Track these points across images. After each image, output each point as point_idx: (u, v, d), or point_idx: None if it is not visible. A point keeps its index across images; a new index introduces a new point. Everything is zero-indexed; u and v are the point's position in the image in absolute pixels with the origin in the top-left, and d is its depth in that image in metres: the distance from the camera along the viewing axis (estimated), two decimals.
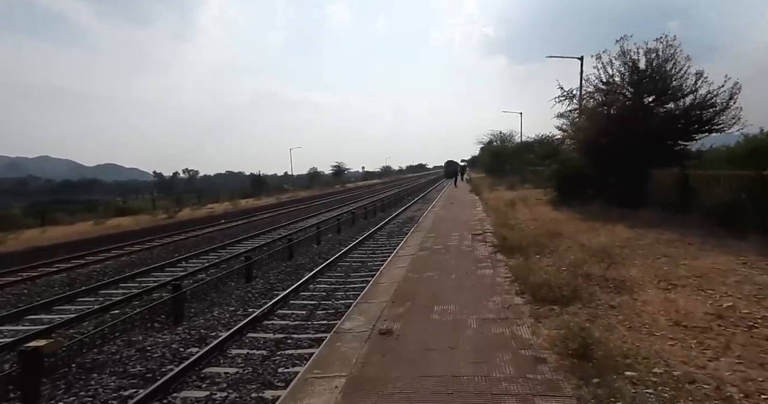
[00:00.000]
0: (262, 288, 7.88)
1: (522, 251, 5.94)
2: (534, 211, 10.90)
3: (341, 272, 8.92)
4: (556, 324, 3.29)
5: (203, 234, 15.57)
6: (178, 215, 20.49)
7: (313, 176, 53.60)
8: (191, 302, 7.31)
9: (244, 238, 14.00)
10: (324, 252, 11.20)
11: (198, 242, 13.87)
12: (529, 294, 4.07)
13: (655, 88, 10.15)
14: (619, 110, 10.54)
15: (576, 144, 12.01)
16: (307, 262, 10.10)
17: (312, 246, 12.38)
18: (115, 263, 10.98)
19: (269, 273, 9.13)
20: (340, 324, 3.85)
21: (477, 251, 6.61)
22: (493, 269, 5.33)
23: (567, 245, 6.29)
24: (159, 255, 11.85)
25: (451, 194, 24.35)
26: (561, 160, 12.62)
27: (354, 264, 9.60)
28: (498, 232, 7.85)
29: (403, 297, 4.43)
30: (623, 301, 3.67)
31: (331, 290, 7.58)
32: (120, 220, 18.11)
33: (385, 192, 36.68)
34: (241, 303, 7.04)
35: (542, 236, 6.94)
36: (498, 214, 10.76)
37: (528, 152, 31.39)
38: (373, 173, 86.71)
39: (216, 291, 7.98)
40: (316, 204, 27.86)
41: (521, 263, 5.28)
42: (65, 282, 8.99)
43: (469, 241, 7.52)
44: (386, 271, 5.81)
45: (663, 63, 9.92)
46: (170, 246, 13.24)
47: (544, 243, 6.38)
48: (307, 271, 9.17)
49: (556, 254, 5.67)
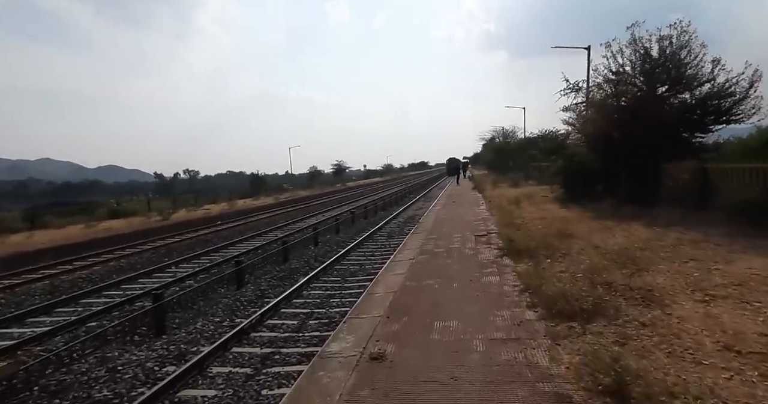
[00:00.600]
0: (253, 295, 7.39)
1: (531, 255, 5.40)
2: (541, 209, 10.34)
3: (337, 277, 8.43)
4: (578, 347, 2.75)
5: (197, 237, 15.11)
6: (173, 217, 20.06)
7: (313, 176, 53.12)
8: (176, 311, 6.84)
9: (238, 240, 13.53)
10: (320, 255, 10.71)
11: (191, 245, 13.40)
12: (543, 307, 3.54)
13: (668, 78, 9.55)
14: (630, 100, 9.95)
15: (584, 138, 11.43)
16: (302, 266, 9.62)
17: (309, 248, 11.90)
18: (103, 268, 10.52)
19: (262, 279, 8.64)
20: (326, 346, 3.33)
21: (481, 254, 6.07)
22: (499, 277, 4.79)
23: (580, 247, 5.75)
24: (149, 260, 11.39)
25: (453, 191, 23.79)
26: (568, 155, 12.04)
27: (351, 268, 9.11)
28: (503, 233, 7.31)
29: (399, 311, 3.91)
30: (656, 317, 3.12)
31: (326, 297, 7.09)
32: (113, 223, 17.68)
33: (386, 191, 36.15)
34: (228, 313, 6.55)
35: (552, 237, 6.39)
36: (502, 213, 10.21)
37: (531, 147, 30.78)
38: (374, 172, 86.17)
39: (204, 299, 7.50)
40: (315, 204, 27.37)
41: (531, 269, 4.75)
42: (47, 290, 8.53)
43: (473, 243, 6.98)
44: (382, 279, 5.29)
45: (677, 50, 9.31)
46: (162, 250, 12.78)
47: (555, 245, 5.83)
48: (301, 276, 8.68)
49: (569, 258, 5.13)
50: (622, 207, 8.67)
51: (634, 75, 10.02)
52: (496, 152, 40.98)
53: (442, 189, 30.96)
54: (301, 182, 51.07)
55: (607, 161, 10.59)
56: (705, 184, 7.89)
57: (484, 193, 18.77)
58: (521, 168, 29.64)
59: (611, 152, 10.26)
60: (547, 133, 33.12)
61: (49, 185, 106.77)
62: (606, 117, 10.10)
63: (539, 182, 22.59)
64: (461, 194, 20.41)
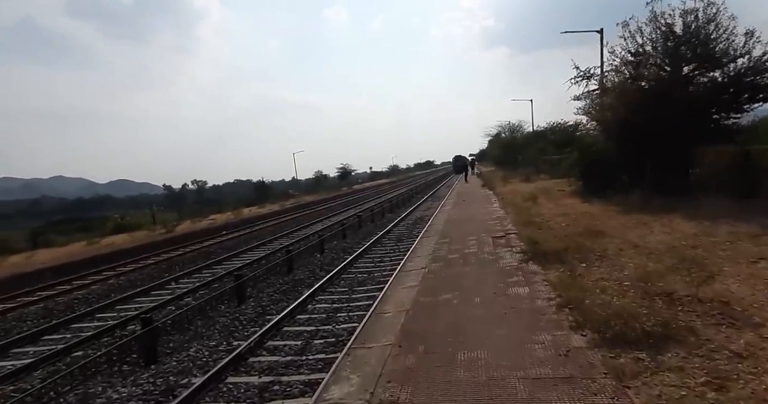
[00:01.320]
0: (253, 313, 6.80)
1: (560, 259, 4.70)
2: (560, 204, 9.57)
3: (344, 288, 7.81)
4: (657, 391, 2.04)
5: (200, 249, 14.65)
6: (178, 229, 19.71)
7: (318, 180, 52.72)
8: (171, 333, 6.28)
9: (242, 251, 13.03)
10: (327, 263, 10.11)
11: (193, 258, 12.93)
12: (592, 330, 2.84)
13: (695, 55, 8.73)
14: (652, 83, 9.14)
15: (601, 127, 10.63)
16: (307, 276, 9.02)
17: (314, 256, 11.32)
18: (101, 287, 10.07)
19: (264, 292, 8.06)
20: (324, 391, 2.69)
21: (502, 259, 5.37)
22: (528, 287, 4.09)
23: (617, 246, 5.02)
24: (150, 275, 10.92)
25: (462, 190, 23.02)
26: (584, 145, 11.24)
27: (359, 276, 8.48)
28: (524, 233, 6.61)
29: (413, 337, 3.26)
30: (751, 344, 2.38)
31: (332, 312, 6.47)
32: (117, 238, 17.37)
33: (393, 192, 35.48)
34: (226, 334, 5.95)
35: (580, 237, 5.67)
36: (518, 210, 9.48)
37: (541, 141, 29.84)
38: (380, 173, 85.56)
39: (203, 318, 6.95)
40: (320, 209, 26.85)
41: (565, 276, 4.05)
42: (40, 314, 8.07)
43: (491, 246, 6.29)
44: (392, 293, 4.62)
45: (704, 25, 8.49)
46: (163, 264, 12.32)
47: (587, 246, 5.12)
48: (306, 288, 8.08)
49: (608, 262, 4.41)
50: (652, 199, 7.87)
51: (656, 55, 9.21)
52: (504, 147, 40.04)
53: (450, 188, 30.17)
54: (307, 187, 50.71)
55: (630, 150, 9.78)
56: (748, 169, 7.07)
57: (494, 190, 17.98)
58: (531, 162, 28.72)
59: (634, 140, 9.46)
60: (556, 125, 32.20)
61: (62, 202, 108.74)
62: (627, 102, 9.31)
63: (552, 175, 21.71)
64: (471, 192, 19.65)
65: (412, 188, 35.16)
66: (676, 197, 7.97)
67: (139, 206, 55.05)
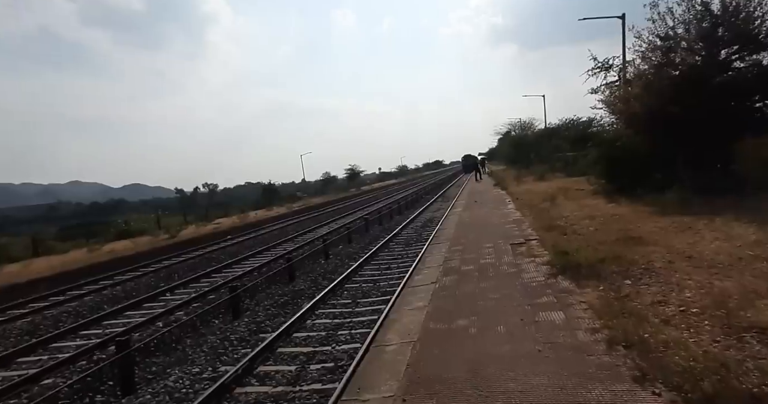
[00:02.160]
0: (246, 330, 6.15)
1: (597, 273, 3.92)
2: (583, 205, 8.69)
3: (348, 299, 7.14)
4: None
5: (203, 255, 14.15)
6: (182, 234, 19.33)
7: (326, 182, 52.24)
8: (156, 355, 5.69)
9: (245, 257, 12.48)
10: (330, 271, 9.46)
11: (194, 265, 12.42)
12: (667, 385, 2.03)
13: (735, 37, 7.81)
14: (684, 69, 8.24)
15: (626, 119, 9.71)
16: (308, 286, 8.38)
17: (318, 263, 10.70)
18: (94, 298, 9.57)
19: (261, 305, 7.44)
20: None
21: (526, 273, 4.59)
22: (563, 312, 3.30)
23: (664, 257, 4.21)
24: (146, 285, 10.42)
25: (473, 189, 22.14)
26: (607, 141, 10.33)
27: (364, 286, 7.81)
28: (547, 240, 5.82)
29: (421, 386, 2.50)
30: None
31: (333, 328, 5.80)
32: (119, 244, 17.03)
33: (402, 193, 34.74)
34: (212, 358, 5.32)
35: (616, 244, 4.86)
36: (537, 213, 8.65)
37: (554, 138, 28.73)
38: (389, 174, 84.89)
39: (193, 335, 6.35)
40: (328, 211, 26.29)
41: (608, 298, 3.28)
42: (25, 330, 7.57)
43: (510, 255, 5.51)
44: (396, 316, 3.87)
45: (745, 2, 7.57)
46: (162, 272, 11.82)
47: (626, 256, 4.32)
48: (306, 299, 7.43)
49: (659, 278, 3.61)
50: (691, 198, 6.97)
51: (690, 38, 8.30)
52: (515, 146, 38.91)
53: (460, 187, 29.31)
54: (317, 189, 50.28)
55: (659, 144, 8.87)
56: None
57: (507, 189, 17.08)
58: (545, 160, 27.65)
59: (664, 133, 8.55)
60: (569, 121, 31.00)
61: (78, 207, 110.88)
62: (656, 91, 8.41)
63: (567, 174, 20.70)
64: (482, 192, 18.77)
65: (421, 189, 34.39)
66: (715, 195, 7.06)
67: (152, 210, 55.36)
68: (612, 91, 11.22)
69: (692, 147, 8.16)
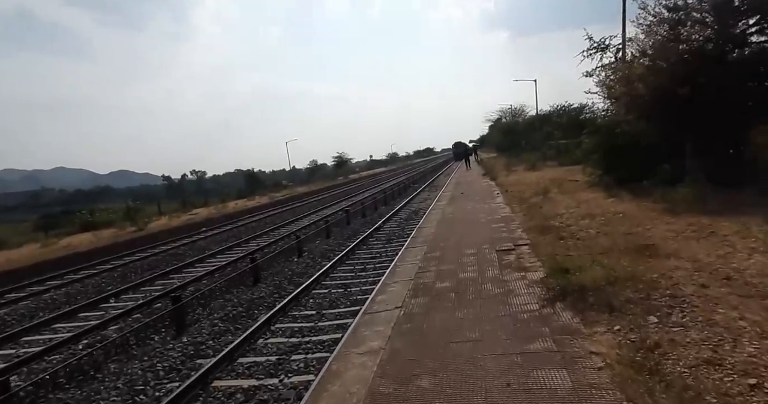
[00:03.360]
0: (182, 354, 5.16)
1: (608, 301, 2.99)
2: (579, 200, 7.78)
3: (312, 311, 6.21)
4: None
5: (167, 251, 13.03)
6: (152, 226, 18.08)
7: (313, 170, 50.79)
8: (66, 388, 4.67)
9: (212, 253, 11.46)
10: (300, 272, 8.51)
11: (154, 263, 11.33)
12: None
13: (754, 7, 6.82)
14: (694, 44, 7.25)
15: (628, 104, 8.73)
16: (271, 291, 7.41)
17: (290, 261, 9.74)
18: (29, 305, 8.44)
19: (212, 316, 6.45)
20: None
21: (515, 296, 3.61)
22: (569, 375, 2.17)
23: (691, 276, 3.29)
24: (95, 287, 9.34)
25: (461, 179, 21.21)
26: (607, 127, 9.37)
27: (334, 292, 6.88)
28: (540, 246, 4.90)
29: None
30: None
31: (287, 352, 4.87)
32: (79, 238, 15.75)
33: (390, 181, 33.71)
34: (124, 400, 4.29)
35: (625, 255, 3.94)
36: (528, 208, 7.73)
37: (546, 125, 27.80)
38: (379, 162, 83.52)
39: (122, 356, 5.35)
40: (312, 201, 25.19)
41: (631, 349, 2.31)
42: None
43: (496, 267, 4.55)
44: (339, 366, 2.78)
45: None
46: (117, 271, 10.72)
47: (642, 274, 3.38)
48: (264, 309, 6.47)
49: (694, 313, 2.65)
50: (707, 193, 6.06)
51: (701, 8, 7.29)
52: (506, 133, 37.92)
53: (449, 176, 28.36)
54: (302, 177, 48.85)
55: (665, 131, 7.94)
56: None
57: (497, 180, 16.14)
58: (536, 148, 26.78)
59: (672, 118, 7.61)
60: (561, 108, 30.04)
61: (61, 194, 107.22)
62: (664, 71, 7.42)
63: (560, 162, 19.86)
64: (470, 182, 17.83)
65: (409, 178, 33.42)
66: (731, 189, 6.20)
67: (139, 198, 53.71)
68: (612, 71, 10.19)
69: (702, 134, 7.24)
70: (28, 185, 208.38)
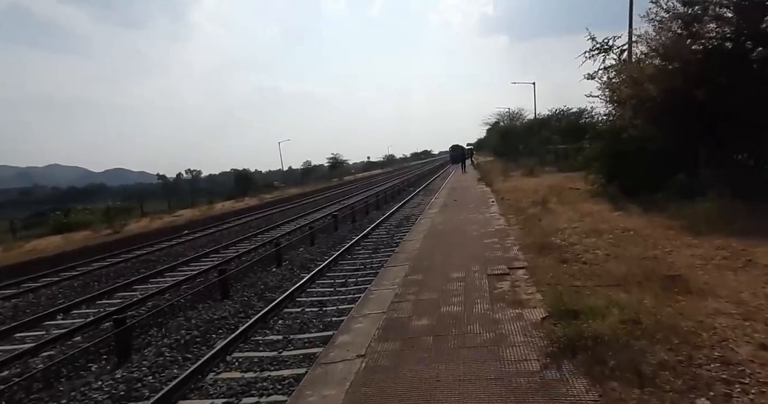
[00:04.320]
0: (109, 396, 4.31)
1: (634, 366, 2.19)
2: (582, 212, 7.01)
3: (278, 335, 5.43)
4: None
5: (139, 256, 12.16)
6: (130, 229, 17.19)
7: (307, 171, 49.86)
8: None
9: (186, 261, 10.68)
10: (273, 286, 7.72)
11: (122, 271, 10.48)
12: None
13: None
14: (714, 41, 6.55)
15: (636, 107, 8.02)
16: (239, 308, 6.62)
17: (267, 271, 8.97)
18: None
19: (164, 341, 5.63)
20: None
21: (508, 345, 2.70)
22: None
23: (744, 331, 2.48)
24: (49, 298, 8.49)
25: (456, 184, 20.46)
26: (612, 131, 8.64)
27: (308, 312, 6.12)
28: (539, 269, 4.13)
29: None
30: None
31: (236, 394, 4.07)
32: (48, 240, 14.84)
33: (384, 184, 32.95)
34: None
35: (646, 291, 3.17)
36: (525, 221, 6.96)
37: (545, 129, 27.14)
38: (375, 163, 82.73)
39: (44, 394, 4.52)
40: (302, 204, 24.36)
41: None
42: None
43: (486, 299, 3.67)
44: None
45: None
46: (79, 280, 9.86)
47: (673, 323, 2.59)
48: (224, 334, 5.66)
49: (759, 388, 1.90)
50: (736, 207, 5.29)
51: (720, 2, 6.60)
52: (503, 136, 37.24)
53: (445, 180, 27.62)
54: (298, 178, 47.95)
55: (679, 136, 7.21)
56: None
57: (493, 185, 15.38)
58: (534, 153, 26.10)
59: (686, 123, 6.89)
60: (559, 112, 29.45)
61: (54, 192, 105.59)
62: (678, 71, 6.71)
63: (559, 168, 19.17)
64: (465, 188, 17.07)
65: (404, 181, 32.68)
66: (756, 204, 5.47)
67: (132, 197, 52.66)
68: (617, 71, 9.49)
69: (720, 140, 6.52)
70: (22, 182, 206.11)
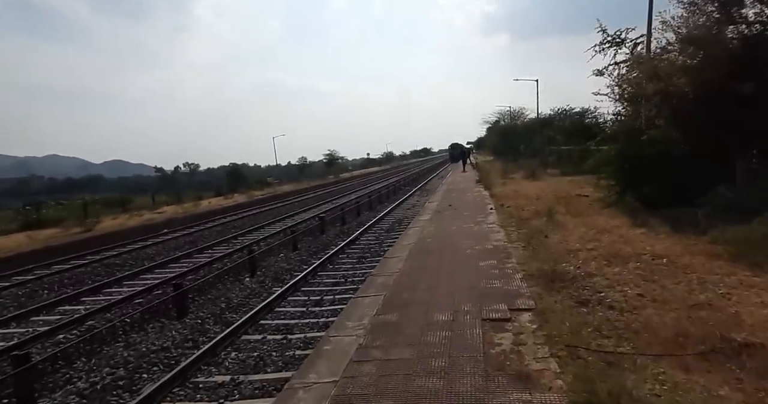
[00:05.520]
0: None
1: None
2: (598, 229, 5.89)
3: (226, 374, 4.42)
4: None
5: (104, 260, 11.13)
6: (104, 226, 16.12)
7: (302, 167, 48.65)
8: None
9: (151, 267, 9.70)
10: (238, 304, 6.73)
11: (79, 277, 9.46)
12: None
13: None
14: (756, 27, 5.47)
15: (659, 105, 6.94)
16: (185, 337, 5.58)
17: (238, 282, 8.01)
18: None
19: (81, 381, 4.61)
20: None
21: None
22: None
23: None
24: None
25: (453, 185, 19.38)
26: (629, 133, 7.56)
27: (269, 341, 5.11)
28: (550, 313, 3.09)
29: None
30: None
31: None
32: (11, 238, 13.77)
33: (380, 182, 31.87)
34: None
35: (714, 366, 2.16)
36: (529, 236, 5.89)
37: (546, 128, 26.05)
38: (374, 161, 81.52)
39: None
40: (293, 202, 23.31)
41: None
42: None
43: (480, 364, 2.50)
44: None
45: None
46: (26, 287, 8.82)
47: None
48: (158, 372, 4.63)
49: None
50: None
51: None
52: (503, 136, 36.07)
53: (442, 179, 26.53)
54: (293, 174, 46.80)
55: (710, 140, 6.15)
56: None
57: (491, 189, 14.31)
58: (536, 153, 25.02)
59: (722, 123, 5.82)
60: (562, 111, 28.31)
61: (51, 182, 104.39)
62: (714, 63, 5.63)
63: (563, 171, 18.11)
64: (462, 191, 16.00)
65: (401, 179, 31.62)
66: None
67: (130, 189, 51.53)
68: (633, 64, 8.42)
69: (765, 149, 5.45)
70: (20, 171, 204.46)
